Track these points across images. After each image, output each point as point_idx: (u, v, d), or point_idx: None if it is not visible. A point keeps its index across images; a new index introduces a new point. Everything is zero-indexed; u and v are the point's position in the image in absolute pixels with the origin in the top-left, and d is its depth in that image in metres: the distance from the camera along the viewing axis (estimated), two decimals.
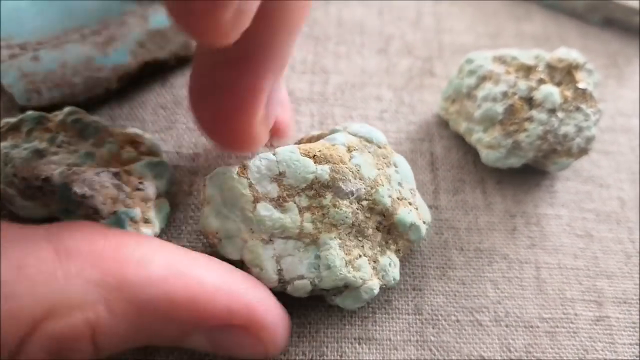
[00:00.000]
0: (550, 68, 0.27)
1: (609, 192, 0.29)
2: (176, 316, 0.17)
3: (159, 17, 0.31)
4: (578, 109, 0.26)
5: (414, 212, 0.23)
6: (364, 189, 0.22)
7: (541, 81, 0.27)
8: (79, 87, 0.28)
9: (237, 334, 0.19)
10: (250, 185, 0.21)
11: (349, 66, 0.33)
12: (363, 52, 0.34)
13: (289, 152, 0.22)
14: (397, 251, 0.23)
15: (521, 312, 0.25)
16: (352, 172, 0.22)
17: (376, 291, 0.22)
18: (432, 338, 0.24)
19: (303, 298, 0.23)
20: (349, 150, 0.23)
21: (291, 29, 0.20)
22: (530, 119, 0.26)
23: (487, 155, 0.27)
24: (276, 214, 0.21)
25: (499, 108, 0.26)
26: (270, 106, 0.22)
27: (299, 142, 0.26)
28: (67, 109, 0.26)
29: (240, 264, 0.22)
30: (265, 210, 0.21)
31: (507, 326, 0.24)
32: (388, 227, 0.23)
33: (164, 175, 0.25)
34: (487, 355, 0.23)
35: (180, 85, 0.31)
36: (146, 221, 0.24)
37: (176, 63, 0.31)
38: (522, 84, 0.26)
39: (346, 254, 0.22)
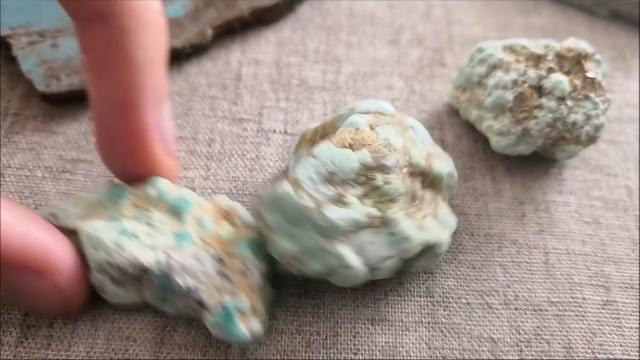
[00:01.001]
0: (560, 57, 0.28)
1: (617, 181, 0.30)
2: None
3: (175, 7, 0.32)
4: (587, 97, 0.27)
5: (444, 162, 0.24)
6: (401, 157, 0.23)
7: (551, 70, 0.27)
8: None
9: (31, 278, 0.19)
10: (310, 196, 0.21)
11: (361, 56, 0.33)
12: (375, 43, 0.34)
13: (327, 151, 0.22)
14: (444, 200, 0.24)
15: (530, 296, 0.25)
16: (386, 146, 0.23)
17: (449, 242, 0.23)
18: (444, 320, 0.24)
19: (316, 281, 0.23)
20: (372, 128, 0.23)
21: (152, 62, 0.21)
22: (540, 107, 0.26)
23: (498, 143, 0.27)
24: (343, 212, 0.21)
25: (510, 96, 0.27)
26: (166, 137, 0.23)
27: (303, 138, 0.26)
28: (151, 182, 0.23)
29: (327, 274, 0.22)
30: (332, 213, 0.21)
31: (516, 309, 0.25)
32: (431, 182, 0.23)
33: (265, 254, 0.22)
34: (497, 337, 0.24)
35: (195, 73, 0.31)
36: (254, 311, 0.21)
37: (192, 51, 0.31)
38: (532, 73, 0.27)
39: (414, 221, 0.22)
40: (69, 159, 0.27)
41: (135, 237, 0.21)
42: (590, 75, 0.27)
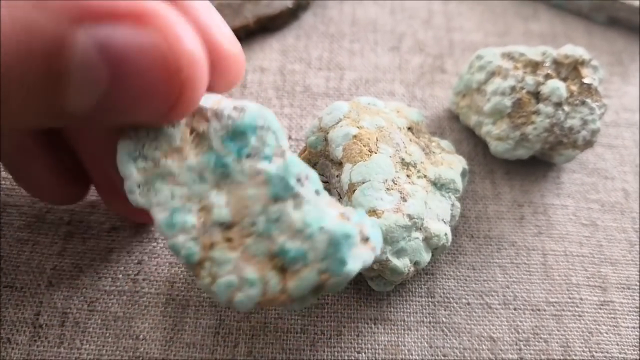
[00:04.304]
0: (557, 64, 0.28)
1: (614, 184, 0.30)
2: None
3: None
4: (583, 102, 0.27)
5: (411, 109, 0.28)
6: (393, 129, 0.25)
7: (548, 76, 0.28)
8: None
9: (130, 30, 0.14)
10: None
11: (363, 63, 0.34)
12: (376, 50, 0.35)
13: (383, 158, 0.23)
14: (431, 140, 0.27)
15: (529, 296, 0.26)
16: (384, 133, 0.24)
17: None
18: (444, 319, 0.25)
19: None
20: (357, 122, 0.25)
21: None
22: (537, 112, 0.27)
23: (496, 147, 0.28)
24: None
25: (508, 102, 0.28)
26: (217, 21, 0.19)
27: (298, 156, 0.26)
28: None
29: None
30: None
31: (515, 309, 0.25)
32: (416, 130, 0.26)
33: None
34: (496, 336, 0.24)
35: None
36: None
37: None
38: (530, 79, 0.28)
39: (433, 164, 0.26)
40: None
41: None
42: (586, 80, 0.28)
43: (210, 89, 0.18)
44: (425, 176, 0.24)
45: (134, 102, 0.15)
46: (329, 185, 0.25)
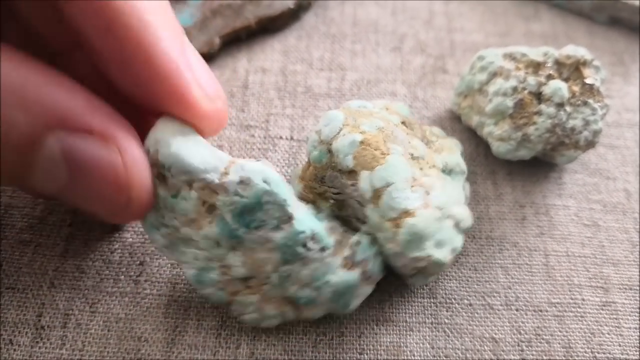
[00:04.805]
0: (559, 64, 0.28)
1: (615, 184, 0.30)
2: (27, 97, 0.16)
3: (184, 16, 0.32)
4: (585, 103, 0.27)
5: (400, 104, 0.28)
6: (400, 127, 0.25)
7: (550, 77, 0.28)
8: None
9: (94, 145, 0.17)
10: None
11: (364, 63, 0.34)
12: (378, 50, 0.35)
13: (396, 157, 0.23)
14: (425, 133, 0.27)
15: (531, 297, 0.26)
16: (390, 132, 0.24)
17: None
18: (446, 320, 0.25)
19: None
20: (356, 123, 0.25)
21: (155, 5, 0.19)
22: (539, 113, 0.27)
23: (498, 148, 0.28)
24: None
25: (509, 102, 0.28)
26: (199, 75, 0.20)
27: (303, 174, 0.26)
28: None
29: None
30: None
31: (517, 310, 0.25)
32: (408, 123, 0.26)
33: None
34: (498, 337, 0.24)
35: None
36: None
37: None
38: (532, 80, 0.28)
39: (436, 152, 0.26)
40: None
41: None
42: (588, 81, 0.28)
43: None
44: (434, 165, 0.24)
45: (87, 199, 0.19)
46: (343, 195, 0.24)
